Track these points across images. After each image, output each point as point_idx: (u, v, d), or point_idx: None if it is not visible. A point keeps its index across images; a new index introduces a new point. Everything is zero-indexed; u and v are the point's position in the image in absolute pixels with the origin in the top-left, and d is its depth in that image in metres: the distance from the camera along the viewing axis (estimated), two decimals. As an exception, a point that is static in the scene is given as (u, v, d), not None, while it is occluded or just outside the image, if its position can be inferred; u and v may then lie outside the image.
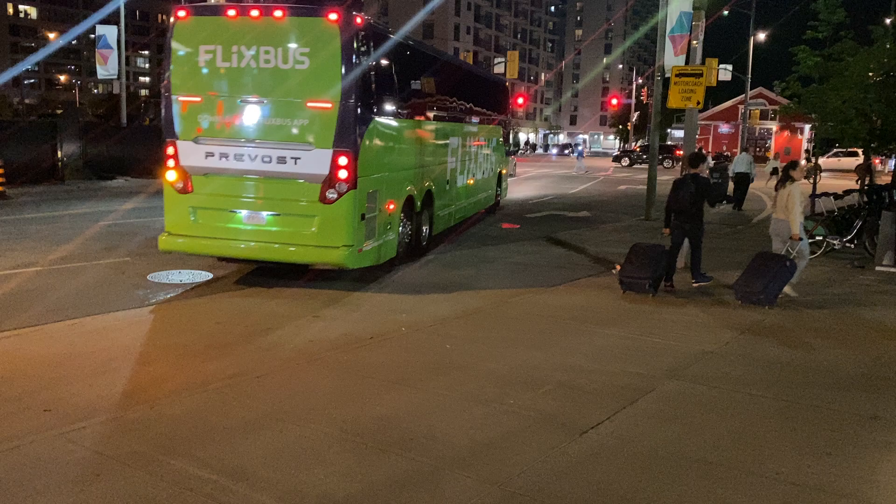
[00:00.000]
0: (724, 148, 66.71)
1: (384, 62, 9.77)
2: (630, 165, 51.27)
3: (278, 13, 8.64)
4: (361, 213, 8.91)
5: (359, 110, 8.68)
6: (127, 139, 26.47)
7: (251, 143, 8.81)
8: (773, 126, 70.23)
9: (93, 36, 30.12)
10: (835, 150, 47.25)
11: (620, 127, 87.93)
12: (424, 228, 11.73)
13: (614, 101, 74.21)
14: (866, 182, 17.38)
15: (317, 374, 5.72)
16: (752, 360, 6.35)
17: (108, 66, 27.84)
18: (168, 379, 5.54)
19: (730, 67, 37.73)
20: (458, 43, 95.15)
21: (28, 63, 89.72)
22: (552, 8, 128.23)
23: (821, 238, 11.79)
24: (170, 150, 9.02)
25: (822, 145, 18.00)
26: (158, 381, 5.51)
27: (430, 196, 11.98)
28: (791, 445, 4.55)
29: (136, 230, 13.56)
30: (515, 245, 13.30)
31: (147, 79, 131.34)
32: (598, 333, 7.15)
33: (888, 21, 18.18)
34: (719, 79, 34.58)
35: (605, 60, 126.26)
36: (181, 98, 9.01)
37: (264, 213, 8.95)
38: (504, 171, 19.78)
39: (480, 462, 4.20)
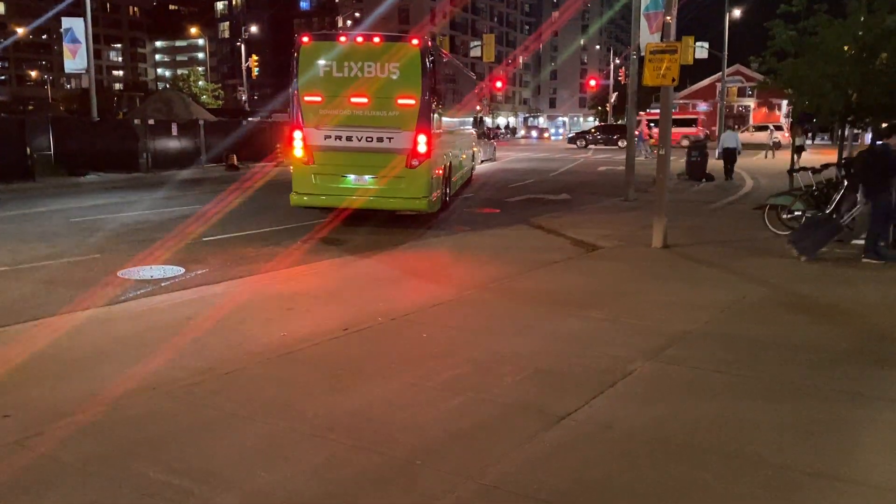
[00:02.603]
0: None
1: (438, 71, 13.55)
2: (585, 147, 51.43)
3: (376, 39, 12.52)
4: (431, 175, 12.66)
5: (430, 104, 12.44)
6: (99, 134, 26.00)
7: (357, 128, 12.33)
8: (751, 103, 70.56)
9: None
10: (748, 125, 47.54)
11: (599, 108, 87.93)
12: (447, 190, 15.13)
13: (592, 83, 74.12)
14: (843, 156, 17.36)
15: (289, 369, 5.56)
16: (732, 340, 6.26)
17: (76, 60, 27.26)
18: (134, 378, 5.35)
19: (706, 45, 37.59)
20: (434, 27, 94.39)
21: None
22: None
23: (799, 213, 11.74)
24: (297, 135, 12.60)
25: (799, 120, 17.99)
26: (124, 380, 5.31)
27: (451, 167, 15.61)
28: (772, 426, 4.46)
29: (107, 226, 13.27)
30: (495, 230, 13.18)
31: (121, 72, 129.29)
32: (578, 316, 7.03)
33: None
34: (696, 57, 34.42)
35: (581, 42, 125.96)
36: (306, 98, 12.50)
37: (367, 177, 12.54)
38: (477, 150, 25.35)
39: (455, 454, 4.07)
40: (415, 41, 12.40)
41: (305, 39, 12.67)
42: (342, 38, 12.70)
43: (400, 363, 5.67)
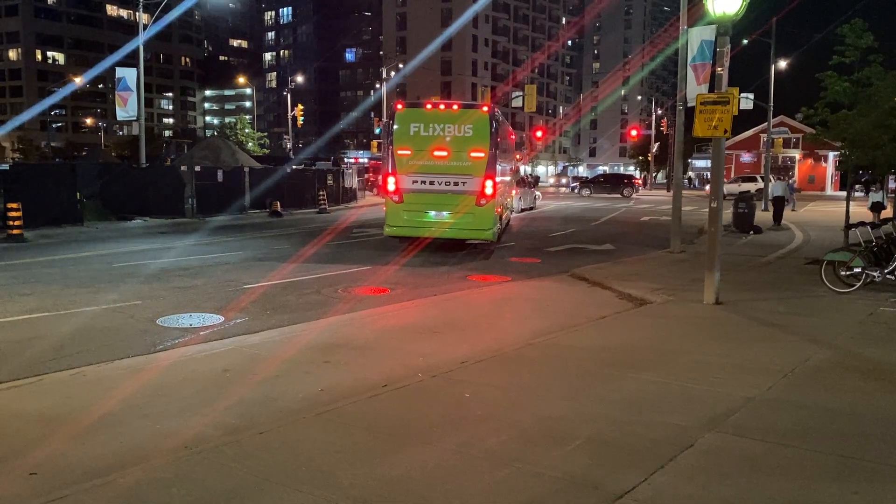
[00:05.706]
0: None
1: (500, 130, 16.85)
2: (590, 195, 52.55)
3: (455, 107, 16.28)
4: (494, 212, 15.90)
5: (495, 156, 15.81)
6: (146, 179, 26.57)
7: (438, 174, 15.70)
8: (797, 154, 69.42)
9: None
10: (734, 176, 47.61)
11: (640, 158, 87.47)
12: (501, 226, 18.10)
13: (634, 133, 73.92)
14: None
15: (324, 429, 5.28)
16: (799, 408, 5.80)
17: (127, 108, 28.08)
18: (166, 435, 5.15)
19: (751, 96, 37.22)
20: (475, 78, 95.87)
21: (44, 104, 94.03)
22: (569, 42, 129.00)
23: (859, 270, 11.19)
24: (391, 180, 15.93)
25: (853, 173, 17.46)
26: (157, 437, 5.13)
27: (503, 206, 18.58)
28: (855, 511, 4.02)
29: (149, 271, 13.32)
30: (537, 281, 12.86)
31: (171, 120, 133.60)
32: (629, 378, 6.64)
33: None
34: (741, 107, 34.06)
35: (622, 92, 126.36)
36: (399, 152, 15.83)
37: (444, 213, 15.80)
38: (515, 193, 27.99)
39: (503, 535, 3.73)
40: (485, 108, 16.12)
41: (399, 107, 16.30)
42: (428, 106, 16.38)
43: (441, 426, 5.35)
